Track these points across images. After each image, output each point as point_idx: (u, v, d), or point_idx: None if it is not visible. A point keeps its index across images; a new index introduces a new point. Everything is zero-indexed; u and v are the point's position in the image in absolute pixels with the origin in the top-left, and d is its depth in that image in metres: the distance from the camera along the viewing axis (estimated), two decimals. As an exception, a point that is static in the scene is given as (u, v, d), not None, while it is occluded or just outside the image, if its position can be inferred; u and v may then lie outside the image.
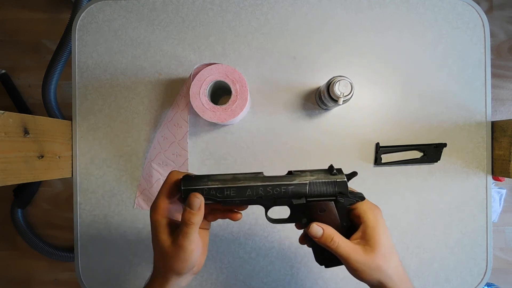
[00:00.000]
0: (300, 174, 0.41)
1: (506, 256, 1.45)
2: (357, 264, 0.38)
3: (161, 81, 0.65)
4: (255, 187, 0.40)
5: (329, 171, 0.41)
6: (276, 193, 0.40)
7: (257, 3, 0.64)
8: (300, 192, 0.41)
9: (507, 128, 0.60)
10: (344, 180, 0.41)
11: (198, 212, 0.39)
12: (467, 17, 0.64)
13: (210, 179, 0.40)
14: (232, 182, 0.40)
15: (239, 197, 0.40)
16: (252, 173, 0.41)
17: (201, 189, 0.40)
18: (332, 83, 0.53)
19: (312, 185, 0.41)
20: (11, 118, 0.52)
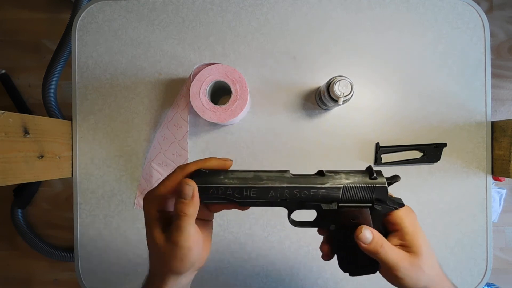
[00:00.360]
0: (334, 175, 0.36)
1: (506, 256, 1.45)
2: (406, 271, 0.36)
3: (161, 81, 0.65)
4: (280, 188, 0.35)
5: (368, 174, 0.36)
6: (304, 196, 0.36)
7: (257, 3, 0.64)
8: (332, 196, 0.36)
9: (507, 128, 0.60)
10: (385, 186, 0.36)
11: (191, 201, 0.34)
12: (467, 17, 0.64)
13: (228, 177, 0.35)
14: (253, 182, 0.35)
15: (260, 198, 0.35)
16: (277, 171, 0.36)
17: (217, 187, 0.35)
18: (332, 83, 0.53)
19: (346, 190, 0.36)
20: (11, 118, 0.52)
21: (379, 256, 0.35)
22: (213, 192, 0.35)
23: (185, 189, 0.33)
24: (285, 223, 0.38)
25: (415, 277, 0.36)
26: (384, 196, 0.36)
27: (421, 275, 0.36)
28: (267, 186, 0.35)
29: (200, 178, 0.35)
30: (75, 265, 0.65)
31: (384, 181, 0.36)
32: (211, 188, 0.35)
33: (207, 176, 0.35)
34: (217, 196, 0.35)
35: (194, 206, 0.34)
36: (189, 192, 0.34)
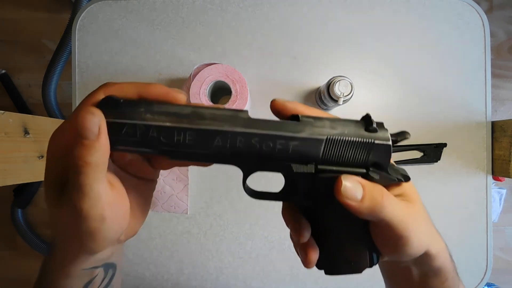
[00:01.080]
0: (313, 122, 0.24)
1: (506, 256, 1.45)
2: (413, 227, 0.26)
3: (161, 81, 0.65)
4: (231, 134, 0.23)
5: (364, 124, 0.25)
6: (266, 149, 0.24)
7: (257, 3, 0.64)
8: (309, 153, 0.24)
9: (507, 128, 0.60)
10: (388, 143, 0.25)
11: (97, 142, 0.21)
12: (467, 17, 0.64)
13: (152, 110, 0.23)
14: (190, 121, 0.23)
15: (198, 147, 0.23)
16: (229, 109, 0.24)
17: (133, 125, 0.22)
18: (332, 83, 0.53)
19: (331, 144, 0.24)
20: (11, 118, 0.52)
21: (382, 213, 0.24)
22: (127, 132, 0.22)
23: (86, 122, 0.21)
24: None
25: (421, 233, 0.27)
26: (385, 159, 0.25)
27: (424, 228, 0.28)
28: (211, 128, 0.23)
29: (109, 109, 0.22)
30: (75, 265, 0.65)
31: (388, 136, 0.25)
32: (125, 125, 0.22)
33: (121, 106, 0.23)
34: (134, 140, 0.23)
35: (101, 150, 0.21)
36: (93, 126, 0.21)
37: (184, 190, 0.63)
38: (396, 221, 0.25)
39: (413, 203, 0.27)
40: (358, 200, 0.24)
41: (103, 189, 0.22)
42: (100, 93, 0.23)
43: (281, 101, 0.26)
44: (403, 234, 0.25)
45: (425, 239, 0.27)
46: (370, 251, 0.28)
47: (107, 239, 0.23)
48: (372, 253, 0.28)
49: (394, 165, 0.27)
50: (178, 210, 0.64)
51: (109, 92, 0.23)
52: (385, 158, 0.25)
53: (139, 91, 0.24)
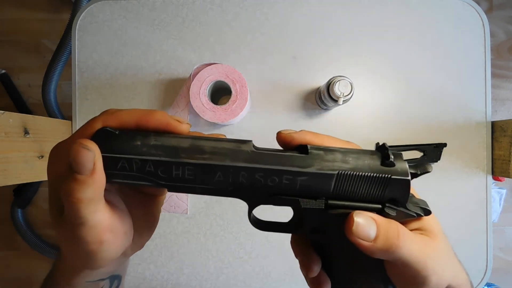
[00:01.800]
0: (323, 155, 0.22)
1: (506, 256, 1.45)
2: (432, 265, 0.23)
3: (161, 81, 0.65)
4: (233, 169, 0.22)
5: (381, 157, 0.23)
6: (272, 185, 0.22)
7: (257, 3, 0.64)
8: (319, 188, 0.22)
9: (507, 128, 0.60)
10: (407, 178, 0.22)
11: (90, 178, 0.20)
12: (467, 17, 0.64)
13: (148, 143, 0.22)
14: (189, 155, 0.22)
15: (199, 182, 0.22)
16: (231, 140, 0.22)
17: (129, 160, 0.21)
18: (332, 83, 0.53)
19: (343, 180, 0.22)
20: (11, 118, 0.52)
21: (398, 253, 0.22)
22: (124, 167, 0.21)
23: (80, 157, 0.19)
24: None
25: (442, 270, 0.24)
26: (404, 195, 0.22)
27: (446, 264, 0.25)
28: (212, 163, 0.22)
29: (104, 141, 0.21)
30: (75, 265, 0.65)
31: (406, 169, 0.22)
32: (120, 159, 0.21)
33: (116, 139, 0.22)
34: (130, 174, 0.22)
35: (95, 186, 0.20)
36: (87, 162, 0.19)
37: (184, 190, 0.63)
38: (413, 261, 0.22)
39: (433, 237, 0.24)
40: (371, 239, 0.22)
41: (99, 218, 0.21)
42: (98, 122, 0.22)
43: (287, 132, 0.24)
44: (421, 274, 0.23)
45: (446, 276, 0.25)
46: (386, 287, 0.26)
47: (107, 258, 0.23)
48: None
49: (414, 196, 0.25)
50: (178, 210, 0.64)
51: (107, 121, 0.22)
52: (403, 194, 0.22)
53: (138, 120, 0.23)
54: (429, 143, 0.64)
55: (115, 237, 0.23)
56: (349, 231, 0.22)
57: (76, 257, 0.23)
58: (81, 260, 0.23)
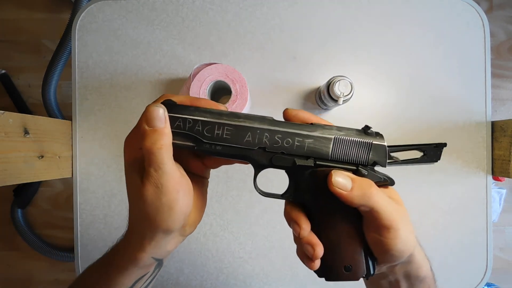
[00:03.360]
0: (324, 126, 0.30)
1: (506, 256, 1.45)
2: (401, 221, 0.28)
3: (161, 81, 0.65)
4: (260, 131, 0.29)
5: (364, 131, 0.30)
6: (287, 145, 0.29)
7: (257, 3, 0.64)
8: (320, 150, 0.29)
9: (507, 128, 0.60)
10: (384, 144, 0.30)
11: (165, 128, 0.27)
12: (467, 17, 0.64)
13: (199, 109, 0.29)
14: (229, 118, 0.29)
15: (233, 142, 0.29)
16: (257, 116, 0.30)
17: (184, 119, 0.29)
18: (332, 83, 0.53)
19: (338, 143, 0.29)
20: (11, 118, 0.52)
21: (371, 200, 0.27)
22: (179, 125, 0.29)
23: (156, 112, 0.26)
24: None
25: (408, 230, 0.29)
26: (382, 158, 0.30)
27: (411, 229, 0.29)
28: (245, 125, 0.29)
29: (167, 107, 0.28)
30: (75, 265, 0.65)
31: (383, 139, 0.30)
32: (178, 119, 0.29)
33: (176, 107, 0.29)
34: (182, 132, 0.29)
35: (168, 135, 0.27)
36: (161, 116, 0.27)
37: (184, 190, 0.63)
38: (385, 210, 0.27)
39: (399, 205, 0.30)
40: (348, 189, 0.27)
41: (173, 167, 0.27)
42: (159, 100, 0.29)
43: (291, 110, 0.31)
44: (392, 225, 0.27)
45: (412, 239, 0.29)
46: (366, 257, 0.30)
47: (181, 214, 0.28)
48: (369, 260, 0.30)
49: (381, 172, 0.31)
50: (178, 210, 0.64)
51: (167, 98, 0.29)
52: (382, 157, 0.30)
53: (191, 100, 0.30)
54: (429, 143, 0.63)
55: (184, 192, 0.28)
56: (330, 183, 0.28)
57: (156, 215, 0.27)
58: (161, 215, 0.27)
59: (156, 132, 0.26)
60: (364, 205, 0.28)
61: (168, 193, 0.27)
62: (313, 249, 0.29)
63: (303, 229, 0.29)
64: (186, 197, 0.28)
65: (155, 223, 0.28)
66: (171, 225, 0.28)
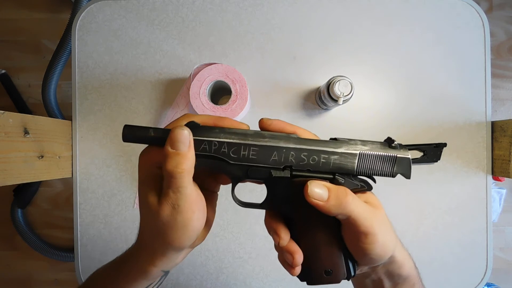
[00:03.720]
0: (348, 141, 0.30)
1: (506, 256, 1.45)
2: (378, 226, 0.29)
3: (161, 81, 0.65)
4: (286, 150, 0.29)
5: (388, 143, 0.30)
6: (313, 163, 0.29)
7: (257, 3, 0.64)
8: (346, 166, 0.29)
9: (507, 128, 0.60)
10: (408, 156, 0.30)
11: (188, 152, 0.27)
12: (467, 17, 0.64)
13: (224, 131, 0.29)
14: (254, 139, 0.29)
15: (259, 161, 0.29)
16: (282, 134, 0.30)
17: (210, 142, 0.29)
18: (332, 83, 0.53)
19: (363, 158, 0.29)
20: (11, 118, 0.52)
21: (347, 209, 0.28)
22: (204, 148, 0.29)
23: (180, 135, 0.26)
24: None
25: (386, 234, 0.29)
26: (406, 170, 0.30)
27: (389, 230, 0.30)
28: (271, 145, 0.29)
29: (191, 130, 0.28)
30: (75, 265, 0.65)
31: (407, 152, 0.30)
32: (203, 142, 0.29)
33: (200, 129, 0.29)
34: (209, 154, 0.29)
35: (191, 159, 0.27)
36: (185, 139, 0.27)
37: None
38: (362, 217, 0.28)
39: (377, 209, 0.30)
40: (324, 200, 0.28)
41: (192, 189, 0.27)
42: (182, 121, 0.29)
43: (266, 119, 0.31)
44: (369, 231, 0.28)
45: (391, 241, 0.30)
46: (346, 260, 0.30)
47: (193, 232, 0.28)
48: (349, 263, 0.30)
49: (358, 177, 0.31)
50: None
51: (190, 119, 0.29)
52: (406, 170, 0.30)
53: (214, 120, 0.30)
54: (429, 143, 0.63)
55: (200, 213, 0.28)
56: (306, 194, 0.28)
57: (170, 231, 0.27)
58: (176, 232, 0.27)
59: (179, 156, 0.26)
60: (341, 213, 0.28)
61: (184, 213, 0.27)
62: (293, 257, 0.29)
63: (282, 238, 0.30)
64: (200, 215, 0.29)
65: (167, 241, 0.28)
66: (183, 242, 0.29)
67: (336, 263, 0.30)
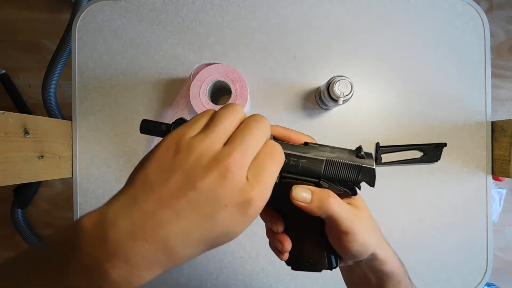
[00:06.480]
0: (318, 147, 0.32)
1: (506, 256, 1.45)
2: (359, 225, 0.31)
3: (161, 81, 0.65)
4: None
5: (356, 152, 0.32)
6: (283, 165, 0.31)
7: (257, 3, 0.64)
8: (313, 170, 0.31)
9: (507, 128, 0.60)
10: (372, 167, 0.31)
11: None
12: (467, 17, 0.64)
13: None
14: None
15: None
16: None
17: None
18: (332, 83, 0.53)
19: (329, 164, 0.31)
20: (11, 118, 0.52)
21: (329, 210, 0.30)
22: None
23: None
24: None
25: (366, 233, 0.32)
26: (370, 179, 0.31)
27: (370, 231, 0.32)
28: None
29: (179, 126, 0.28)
30: (75, 265, 0.65)
31: (373, 162, 0.32)
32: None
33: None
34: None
35: None
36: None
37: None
38: (343, 217, 0.30)
39: (360, 210, 0.32)
40: (307, 201, 0.30)
41: None
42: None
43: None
44: (349, 231, 0.31)
45: (370, 240, 0.32)
46: (328, 254, 0.34)
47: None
48: (331, 256, 0.34)
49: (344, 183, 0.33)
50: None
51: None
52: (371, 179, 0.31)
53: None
54: (429, 143, 0.64)
55: None
56: (291, 196, 0.30)
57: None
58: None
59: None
60: (323, 213, 0.30)
61: None
62: (283, 244, 0.33)
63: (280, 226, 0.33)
64: None
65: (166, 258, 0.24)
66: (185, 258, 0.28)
67: (318, 255, 0.34)
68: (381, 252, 0.34)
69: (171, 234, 0.21)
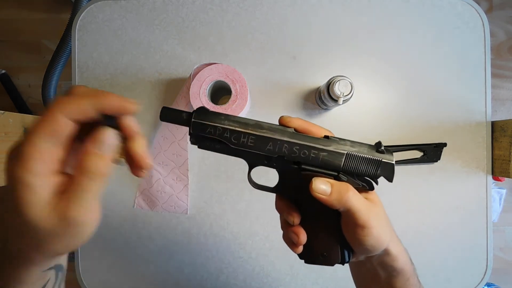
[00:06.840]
0: (338, 141, 0.33)
1: (506, 256, 1.45)
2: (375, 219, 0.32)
3: (161, 81, 0.65)
4: (280, 142, 0.32)
5: (376, 147, 0.33)
6: (303, 156, 0.32)
7: (257, 3, 0.64)
8: (333, 163, 0.32)
9: (507, 128, 0.60)
10: (392, 162, 0.33)
11: (110, 156, 0.25)
12: (467, 17, 0.64)
13: (228, 119, 0.33)
14: (254, 129, 0.33)
15: (256, 149, 0.33)
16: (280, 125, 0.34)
17: (215, 127, 0.32)
18: (332, 83, 0.53)
19: (350, 159, 0.32)
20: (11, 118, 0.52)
21: (348, 203, 0.31)
22: (210, 131, 0.32)
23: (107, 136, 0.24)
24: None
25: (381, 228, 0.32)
26: (389, 174, 0.33)
27: (385, 226, 0.33)
28: (267, 136, 0.32)
29: (200, 114, 0.32)
30: (75, 265, 0.65)
31: (392, 157, 0.33)
32: (209, 126, 0.32)
33: (208, 114, 0.33)
34: (212, 137, 0.32)
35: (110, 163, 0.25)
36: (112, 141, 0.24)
37: (184, 190, 0.63)
38: (360, 211, 0.31)
39: (376, 205, 0.33)
40: (327, 194, 0.31)
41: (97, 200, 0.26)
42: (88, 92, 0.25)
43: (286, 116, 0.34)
44: (365, 224, 0.31)
45: (385, 235, 0.33)
46: (342, 248, 0.34)
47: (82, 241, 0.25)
48: (344, 250, 0.34)
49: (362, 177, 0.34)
50: (178, 210, 0.64)
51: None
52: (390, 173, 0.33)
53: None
54: (429, 143, 0.63)
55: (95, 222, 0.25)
56: (311, 188, 0.31)
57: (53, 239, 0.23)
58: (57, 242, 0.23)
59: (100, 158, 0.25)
60: (342, 207, 0.31)
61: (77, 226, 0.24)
62: (298, 237, 0.33)
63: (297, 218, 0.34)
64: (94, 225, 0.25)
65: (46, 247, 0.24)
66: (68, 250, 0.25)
67: (332, 249, 0.34)
68: (393, 248, 0.34)
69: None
